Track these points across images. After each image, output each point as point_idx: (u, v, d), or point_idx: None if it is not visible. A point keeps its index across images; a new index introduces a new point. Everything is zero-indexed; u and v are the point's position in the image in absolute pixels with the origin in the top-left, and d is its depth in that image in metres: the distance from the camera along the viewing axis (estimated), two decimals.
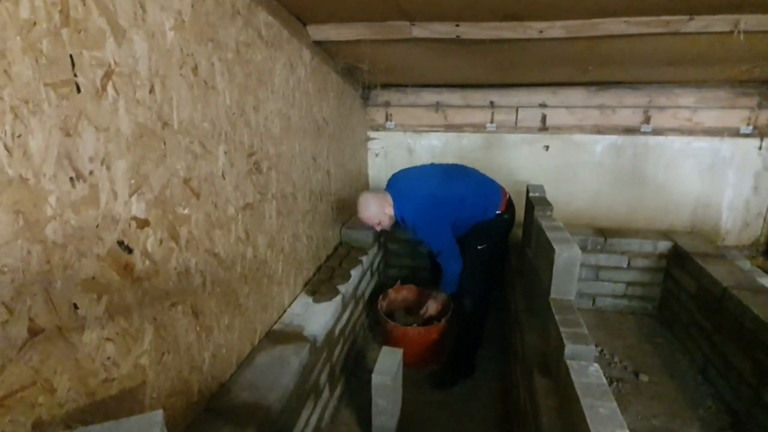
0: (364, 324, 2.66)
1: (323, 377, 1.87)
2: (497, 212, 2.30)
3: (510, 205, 2.37)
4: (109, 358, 0.99)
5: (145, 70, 1.04)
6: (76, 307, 0.90)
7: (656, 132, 2.93)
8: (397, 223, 2.30)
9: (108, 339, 0.98)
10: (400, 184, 2.32)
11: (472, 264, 2.27)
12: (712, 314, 2.21)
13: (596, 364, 1.24)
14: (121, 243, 1.00)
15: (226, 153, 1.40)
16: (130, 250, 1.03)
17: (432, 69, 2.67)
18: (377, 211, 2.20)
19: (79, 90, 0.88)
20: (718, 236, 3.02)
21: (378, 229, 2.29)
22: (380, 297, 2.57)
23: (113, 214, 0.98)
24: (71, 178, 0.87)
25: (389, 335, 2.37)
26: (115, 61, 0.96)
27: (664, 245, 2.74)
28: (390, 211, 2.23)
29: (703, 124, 2.88)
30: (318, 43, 2.10)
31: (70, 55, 0.86)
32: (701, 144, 2.90)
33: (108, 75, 0.95)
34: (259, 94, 1.60)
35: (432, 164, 2.52)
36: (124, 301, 1.02)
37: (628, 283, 2.86)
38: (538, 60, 2.34)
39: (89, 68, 0.90)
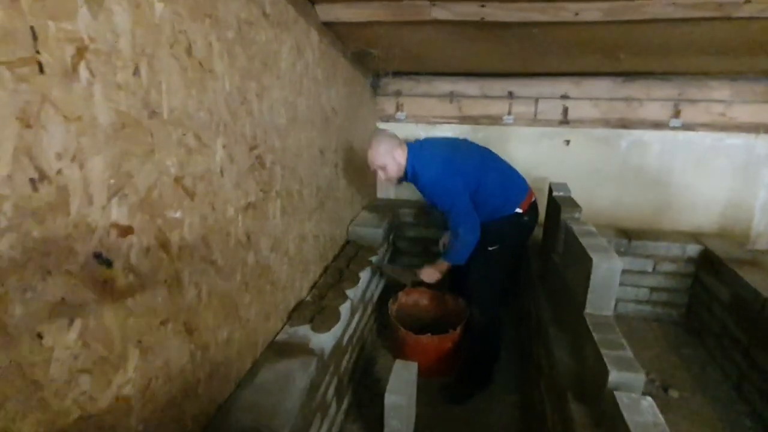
0: (372, 329, 2.50)
1: (330, 392, 1.72)
2: (517, 210, 2.07)
3: (532, 209, 2.14)
4: (84, 392, 0.83)
5: (127, 48, 0.87)
6: (40, 336, 0.74)
7: (686, 127, 2.75)
8: (404, 179, 2.08)
9: (83, 371, 0.82)
10: (422, 142, 2.14)
11: (482, 267, 2.07)
12: (749, 326, 2.05)
13: (649, 398, 1.08)
14: (98, 255, 0.84)
15: (225, 147, 1.23)
16: (109, 264, 0.86)
17: (449, 55, 2.48)
18: (386, 151, 2.00)
19: (42, 70, 0.71)
20: (748, 239, 2.85)
21: (381, 176, 2.08)
22: (390, 301, 2.41)
23: (88, 222, 0.81)
24: (32, 180, 0.71)
25: (401, 343, 2.21)
26: (89, 36, 0.78)
27: (693, 249, 2.57)
28: (401, 158, 2.02)
29: (738, 119, 2.69)
30: (327, 25, 1.91)
31: (31, 27, 0.69)
32: (735, 140, 2.72)
33: (80, 53, 0.77)
34: (263, 80, 1.43)
35: (461, 138, 2.31)
36: (103, 323, 0.86)
37: (653, 289, 2.70)
38: (566, 47, 2.14)
39: (56, 44, 0.73)
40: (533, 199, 2.15)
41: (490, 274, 2.10)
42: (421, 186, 2.04)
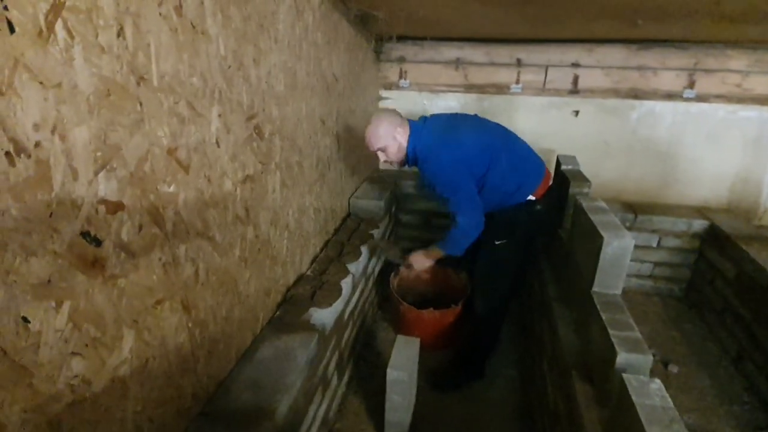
0: (373, 302, 2.49)
1: (331, 366, 1.71)
2: (530, 197, 1.87)
3: (549, 195, 1.94)
4: (76, 376, 0.80)
5: (110, 6, 0.79)
6: (26, 320, 0.70)
7: (700, 98, 2.65)
8: (406, 162, 1.93)
9: (74, 353, 0.79)
10: (426, 120, 1.95)
11: (488, 262, 1.95)
12: (753, 303, 2.03)
13: (657, 380, 1.06)
14: (85, 234, 0.79)
15: (220, 116, 1.16)
16: (98, 242, 0.81)
17: (457, 18, 2.34)
18: (386, 132, 1.84)
19: (12, 29, 0.64)
20: (755, 215, 2.80)
21: (381, 159, 1.94)
22: (392, 275, 2.39)
23: (73, 198, 0.75)
24: (8, 153, 0.65)
25: (402, 317, 2.20)
26: None
27: (699, 224, 2.53)
28: (402, 139, 1.85)
29: (754, 90, 2.59)
30: None
31: None
32: (749, 113, 2.63)
33: (56, 9, 0.69)
34: (261, 44, 1.33)
35: (471, 115, 2.09)
36: (94, 305, 0.82)
37: (656, 264, 2.67)
38: (583, 10, 2.02)
39: None
40: (550, 184, 1.96)
41: (497, 270, 1.95)
42: (421, 169, 1.89)
